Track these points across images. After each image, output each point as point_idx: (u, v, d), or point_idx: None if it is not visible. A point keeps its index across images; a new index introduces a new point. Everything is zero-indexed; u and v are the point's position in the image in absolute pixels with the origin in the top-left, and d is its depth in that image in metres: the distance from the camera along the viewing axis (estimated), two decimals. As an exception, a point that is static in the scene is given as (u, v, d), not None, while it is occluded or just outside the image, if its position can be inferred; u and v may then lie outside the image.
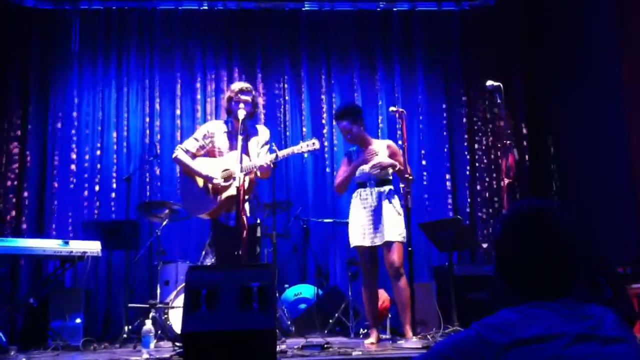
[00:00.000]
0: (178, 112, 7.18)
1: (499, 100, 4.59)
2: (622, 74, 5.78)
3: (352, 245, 4.83)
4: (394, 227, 4.64)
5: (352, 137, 4.88)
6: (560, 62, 6.79)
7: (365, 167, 4.74)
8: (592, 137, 6.22)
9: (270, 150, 4.61)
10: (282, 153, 4.51)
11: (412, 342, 4.31)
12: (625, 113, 5.74)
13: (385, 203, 4.68)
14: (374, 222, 4.67)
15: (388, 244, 4.61)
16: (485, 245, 6.34)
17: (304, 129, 7.26)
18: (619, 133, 5.81)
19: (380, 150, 4.78)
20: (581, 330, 1.39)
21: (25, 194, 6.75)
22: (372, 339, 4.66)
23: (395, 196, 4.80)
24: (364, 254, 4.78)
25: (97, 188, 6.90)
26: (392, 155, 4.82)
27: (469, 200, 7.21)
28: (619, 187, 5.85)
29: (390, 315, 5.77)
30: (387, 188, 4.75)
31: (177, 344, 4.66)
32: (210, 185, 4.53)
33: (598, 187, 6.10)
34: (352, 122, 4.82)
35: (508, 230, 1.58)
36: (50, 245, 5.03)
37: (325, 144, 7.17)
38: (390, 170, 4.77)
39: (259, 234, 4.69)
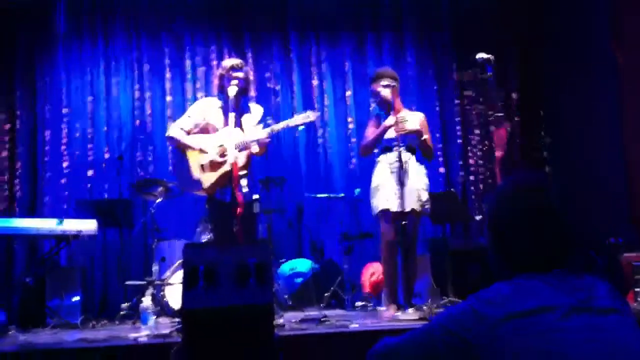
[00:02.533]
0: (167, 88, 7.12)
1: (489, 73, 4.58)
2: (616, 52, 5.81)
3: (377, 210, 4.70)
4: (420, 197, 4.63)
5: (380, 100, 4.87)
6: (556, 39, 6.78)
7: (392, 132, 4.67)
8: (585, 112, 6.25)
9: (265, 125, 4.60)
10: (277, 127, 4.50)
11: (408, 314, 4.35)
12: (619, 89, 5.77)
13: (412, 170, 4.62)
14: (401, 187, 4.52)
15: (412, 213, 4.56)
16: (478, 218, 6.38)
17: (295, 106, 7.24)
18: (611, 107, 5.85)
19: (412, 119, 4.75)
20: (574, 302, 1.40)
21: (18, 171, 6.72)
22: (391, 311, 4.62)
23: (423, 165, 4.81)
24: (389, 219, 4.66)
25: (89, 167, 6.87)
26: (421, 127, 4.81)
27: (461, 173, 7.25)
28: (610, 161, 5.90)
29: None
30: (414, 156, 4.74)
31: (176, 319, 4.71)
32: (205, 162, 4.52)
33: (590, 159, 6.14)
34: (373, 85, 4.84)
35: (503, 203, 1.58)
36: (45, 224, 5.02)
37: (316, 122, 7.15)
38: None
39: (257, 210, 4.67)
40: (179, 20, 7.25)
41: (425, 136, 4.75)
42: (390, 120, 4.71)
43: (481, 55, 4.58)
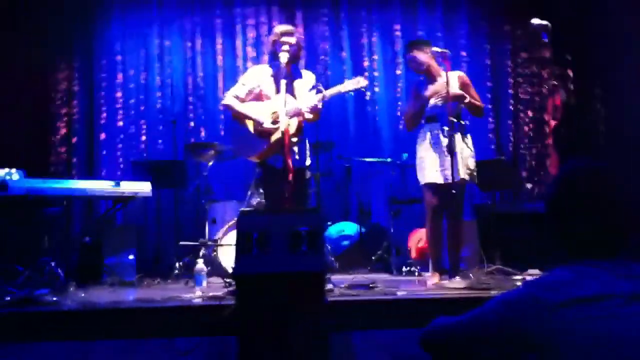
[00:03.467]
0: (219, 51, 7.21)
1: (545, 40, 4.48)
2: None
3: (422, 182, 4.67)
4: (468, 165, 4.58)
5: (415, 65, 4.74)
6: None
7: (434, 100, 4.62)
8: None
9: (317, 92, 4.62)
10: (329, 93, 4.52)
11: (455, 282, 4.38)
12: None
13: (457, 139, 4.49)
14: (447, 158, 4.47)
15: (460, 182, 4.49)
16: (529, 186, 6.32)
17: (345, 68, 7.23)
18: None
19: (450, 81, 4.54)
20: (635, 290, 1.40)
21: (75, 129, 6.92)
22: (436, 279, 4.62)
23: (468, 132, 4.71)
24: (435, 192, 4.62)
25: (143, 128, 7.03)
26: (462, 86, 4.67)
27: (512, 140, 7.17)
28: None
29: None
30: (459, 123, 4.59)
31: (227, 280, 4.85)
32: (258, 129, 4.59)
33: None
34: (411, 51, 4.74)
35: (564, 189, 1.58)
36: (102, 186, 5.15)
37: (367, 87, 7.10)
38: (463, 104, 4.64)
39: (308, 177, 4.75)
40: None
41: (467, 99, 4.60)
42: (430, 90, 4.66)
43: (537, 21, 4.47)
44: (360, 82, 4.55)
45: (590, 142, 5.88)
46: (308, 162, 4.73)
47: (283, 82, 4.39)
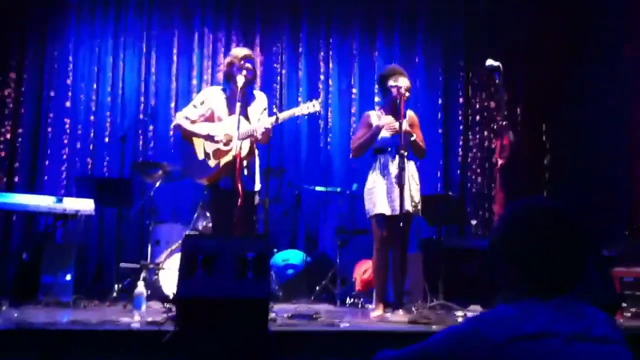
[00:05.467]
0: (174, 70, 7.12)
1: (497, 80, 4.59)
2: (628, 58, 5.81)
3: (370, 214, 4.67)
4: (413, 198, 4.60)
5: (390, 98, 4.70)
6: (567, 46, 6.76)
7: (384, 132, 4.64)
8: (592, 126, 6.25)
9: (270, 113, 4.59)
10: (282, 115, 4.50)
11: (398, 315, 4.38)
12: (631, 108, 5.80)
13: (405, 172, 4.47)
14: (394, 190, 4.51)
15: (405, 215, 4.49)
16: (474, 222, 6.40)
17: (300, 96, 7.25)
18: (618, 124, 5.87)
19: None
20: (576, 329, 1.42)
21: (19, 140, 6.70)
22: (379, 311, 4.59)
23: (415, 167, 4.75)
24: (381, 222, 4.63)
25: (90, 144, 6.87)
26: (410, 125, 4.70)
27: (460, 176, 7.28)
28: (614, 174, 5.93)
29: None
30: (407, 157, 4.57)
31: (167, 305, 4.74)
32: (210, 151, 4.53)
33: (593, 173, 6.15)
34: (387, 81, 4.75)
35: (516, 229, 1.57)
36: (44, 202, 5.01)
37: (321, 112, 7.15)
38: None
39: (257, 202, 4.70)
40: (190, 3, 7.23)
41: (414, 137, 4.64)
42: (383, 120, 4.68)
43: (490, 62, 4.58)
44: (315, 105, 4.54)
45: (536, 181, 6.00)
46: (258, 186, 4.69)
47: (238, 104, 4.36)
